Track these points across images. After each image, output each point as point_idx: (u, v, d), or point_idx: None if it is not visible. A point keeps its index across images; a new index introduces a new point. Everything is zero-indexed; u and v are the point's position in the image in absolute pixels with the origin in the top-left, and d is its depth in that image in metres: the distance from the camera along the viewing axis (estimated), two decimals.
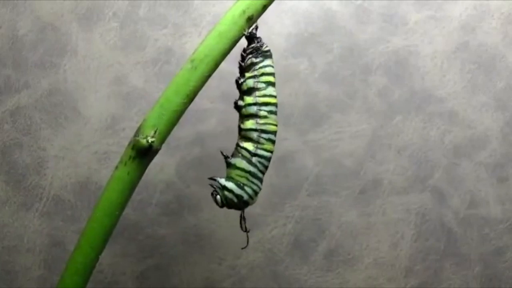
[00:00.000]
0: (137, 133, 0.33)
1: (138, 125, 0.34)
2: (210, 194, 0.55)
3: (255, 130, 0.34)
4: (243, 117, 0.35)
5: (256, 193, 0.35)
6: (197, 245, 0.56)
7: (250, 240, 0.56)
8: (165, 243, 0.56)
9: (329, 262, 0.57)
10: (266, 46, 0.35)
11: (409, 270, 0.57)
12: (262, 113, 0.35)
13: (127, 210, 0.55)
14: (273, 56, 0.36)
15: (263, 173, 0.35)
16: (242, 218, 0.37)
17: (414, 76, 0.57)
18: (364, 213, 0.57)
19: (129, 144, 0.33)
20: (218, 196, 0.36)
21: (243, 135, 0.35)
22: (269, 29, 0.56)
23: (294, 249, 0.57)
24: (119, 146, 0.55)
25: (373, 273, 0.57)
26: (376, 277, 0.57)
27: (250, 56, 0.35)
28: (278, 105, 0.56)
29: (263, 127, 0.35)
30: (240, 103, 0.35)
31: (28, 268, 0.55)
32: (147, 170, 0.35)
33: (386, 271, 0.57)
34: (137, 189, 0.35)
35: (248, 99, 0.35)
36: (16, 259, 0.55)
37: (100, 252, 0.34)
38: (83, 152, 0.55)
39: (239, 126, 0.35)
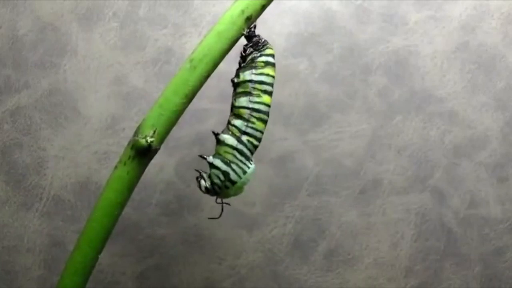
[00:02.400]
0: (136, 133, 0.33)
1: (138, 125, 0.34)
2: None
3: (247, 108, 0.34)
4: (237, 94, 0.35)
5: (244, 172, 0.35)
6: (197, 245, 0.56)
7: (250, 240, 0.56)
8: (165, 243, 0.56)
9: (329, 262, 0.57)
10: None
11: (409, 270, 0.57)
12: (256, 91, 0.34)
13: (127, 210, 0.55)
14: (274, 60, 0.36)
15: (252, 152, 0.35)
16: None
17: (414, 76, 0.57)
18: (364, 213, 0.57)
19: (128, 144, 0.33)
20: (203, 181, 0.36)
21: (235, 112, 0.35)
22: (269, 29, 0.56)
23: (294, 249, 0.57)
24: (119, 146, 0.55)
25: (373, 273, 0.57)
26: (376, 277, 0.57)
27: (251, 49, 0.35)
28: (278, 105, 0.56)
29: (256, 106, 0.34)
30: (236, 79, 0.35)
31: (28, 268, 0.55)
32: (146, 170, 0.35)
33: (386, 271, 0.57)
34: (137, 189, 0.35)
35: (244, 76, 0.35)
36: (16, 259, 0.55)
37: (99, 252, 0.34)
38: (83, 152, 0.55)
39: (232, 103, 0.35)
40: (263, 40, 0.35)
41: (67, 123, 0.55)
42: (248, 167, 0.35)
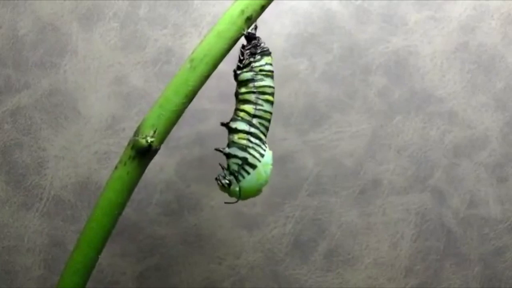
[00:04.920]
0: (136, 133, 0.33)
1: (138, 125, 0.34)
2: (210, 192, 0.56)
3: (253, 92, 0.35)
4: (240, 82, 0.35)
5: (261, 154, 0.35)
6: (197, 245, 0.56)
7: (250, 240, 0.56)
8: (165, 243, 0.56)
9: (329, 262, 0.57)
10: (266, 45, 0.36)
11: (409, 270, 0.57)
12: (259, 76, 0.35)
13: (127, 210, 0.55)
14: (273, 56, 0.36)
15: (264, 134, 0.36)
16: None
17: (414, 76, 0.57)
18: (364, 213, 0.57)
19: (128, 144, 0.33)
20: (221, 177, 0.36)
21: (241, 98, 0.35)
22: (269, 29, 0.56)
23: (294, 249, 0.57)
24: (119, 146, 0.55)
25: (373, 273, 0.57)
26: (376, 277, 0.57)
27: (248, 51, 0.35)
28: (278, 105, 0.56)
29: (261, 89, 0.35)
30: (238, 71, 0.36)
31: (28, 268, 0.55)
32: (147, 170, 0.35)
33: (386, 271, 0.57)
34: (137, 189, 0.35)
35: (245, 62, 0.35)
36: (16, 259, 0.55)
37: (99, 252, 0.34)
38: (83, 152, 0.55)
39: (236, 92, 0.36)
40: (261, 45, 0.35)
41: (67, 123, 0.55)
42: (264, 150, 0.35)
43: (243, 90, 0.35)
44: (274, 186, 0.56)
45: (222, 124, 0.36)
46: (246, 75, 0.35)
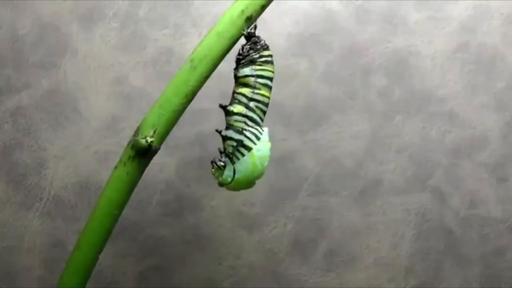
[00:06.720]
0: (136, 133, 0.33)
1: (138, 125, 0.34)
2: (210, 192, 0.56)
3: (251, 76, 0.35)
4: (239, 66, 0.36)
5: (257, 137, 0.36)
6: (197, 245, 0.56)
7: (250, 240, 0.56)
8: (165, 243, 0.56)
9: (329, 262, 0.57)
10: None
11: (409, 270, 0.57)
12: (258, 63, 0.35)
13: (127, 210, 0.55)
14: (273, 56, 0.36)
15: (261, 119, 0.36)
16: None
17: (414, 76, 0.57)
18: (364, 213, 0.57)
19: (128, 144, 0.33)
20: (217, 160, 0.36)
21: (239, 82, 0.36)
22: (269, 29, 0.56)
23: (294, 249, 0.57)
24: (119, 146, 0.55)
25: (373, 273, 0.57)
26: (376, 277, 0.57)
27: (248, 47, 0.35)
28: (278, 105, 0.56)
29: (259, 73, 0.35)
30: (238, 63, 0.36)
31: (28, 268, 0.55)
32: (147, 170, 0.35)
33: (386, 271, 0.57)
34: (137, 189, 0.35)
35: (244, 52, 0.35)
36: (16, 259, 0.55)
37: (99, 252, 0.34)
38: (83, 152, 0.55)
39: (235, 75, 0.36)
40: (261, 41, 0.35)
41: (67, 123, 0.55)
42: (261, 133, 0.36)
43: (241, 73, 0.35)
44: (274, 186, 0.56)
45: (220, 106, 0.36)
46: (246, 62, 0.35)
